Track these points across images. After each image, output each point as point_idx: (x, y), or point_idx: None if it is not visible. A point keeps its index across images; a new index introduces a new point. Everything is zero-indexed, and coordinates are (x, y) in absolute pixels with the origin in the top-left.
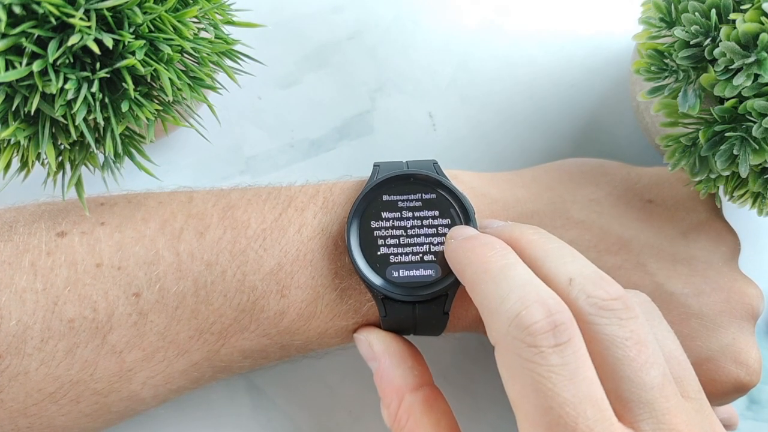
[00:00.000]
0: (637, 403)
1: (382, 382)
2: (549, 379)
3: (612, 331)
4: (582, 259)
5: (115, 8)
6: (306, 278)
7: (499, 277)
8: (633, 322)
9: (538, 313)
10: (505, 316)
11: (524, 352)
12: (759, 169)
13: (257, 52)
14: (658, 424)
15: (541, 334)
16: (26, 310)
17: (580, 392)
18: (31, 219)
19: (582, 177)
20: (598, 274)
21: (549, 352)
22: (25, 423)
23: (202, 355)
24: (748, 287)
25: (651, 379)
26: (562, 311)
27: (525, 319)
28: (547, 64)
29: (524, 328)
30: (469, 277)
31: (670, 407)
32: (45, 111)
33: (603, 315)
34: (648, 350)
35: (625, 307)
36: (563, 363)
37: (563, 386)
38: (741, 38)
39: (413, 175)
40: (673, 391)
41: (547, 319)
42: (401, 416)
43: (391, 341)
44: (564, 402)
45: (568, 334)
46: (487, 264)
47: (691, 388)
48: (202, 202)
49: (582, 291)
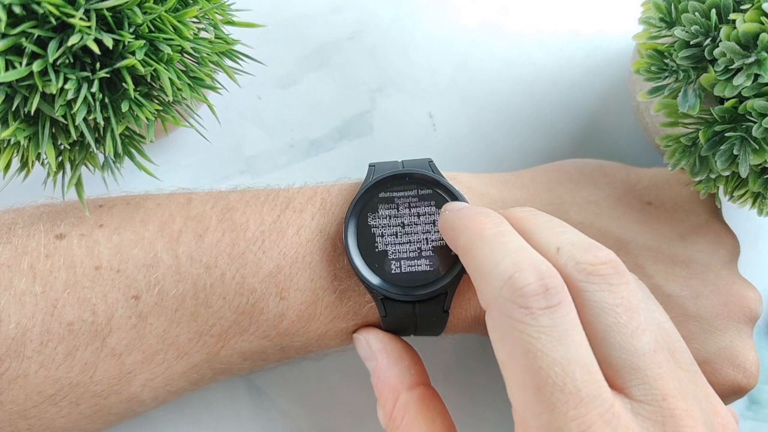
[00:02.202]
0: (628, 369)
1: (378, 381)
2: (538, 339)
3: (602, 297)
4: (572, 230)
5: (115, 8)
6: (305, 280)
7: (494, 242)
8: (624, 288)
9: (530, 275)
10: (498, 278)
11: (515, 312)
12: (759, 169)
13: (257, 52)
14: (649, 390)
15: (532, 296)
16: (25, 312)
17: (568, 353)
18: (29, 221)
19: (581, 178)
20: (587, 241)
21: (539, 314)
22: (24, 425)
23: (202, 357)
24: (747, 290)
25: (642, 345)
26: (553, 276)
27: (517, 281)
28: (547, 64)
29: (516, 290)
30: (463, 243)
31: (662, 373)
32: (45, 111)
33: (592, 281)
34: (639, 317)
35: (615, 272)
36: (553, 324)
37: (552, 347)
38: (741, 38)
39: (409, 174)
40: (666, 358)
41: (539, 282)
42: (396, 415)
43: (389, 340)
44: (552, 362)
45: (558, 298)
46: (482, 230)
47: (684, 359)
48: (200, 203)
49: (570, 257)
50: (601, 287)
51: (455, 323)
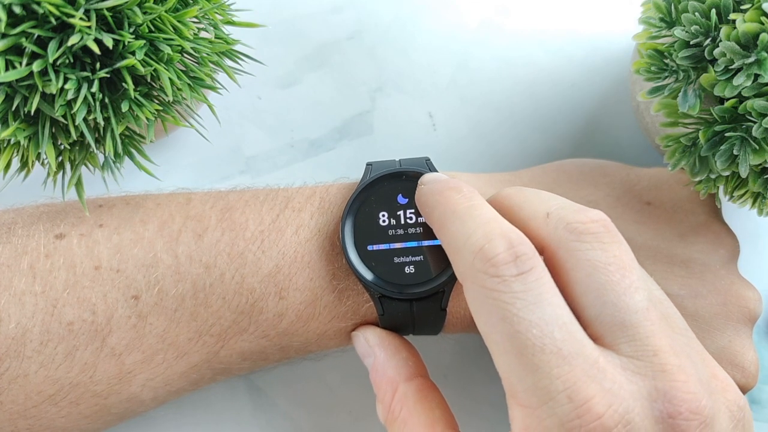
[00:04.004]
0: (620, 326)
1: (376, 375)
2: (513, 305)
3: (594, 256)
4: (560, 198)
5: (115, 8)
6: (304, 280)
7: (465, 216)
8: (616, 246)
9: (500, 245)
10: (470, 250)
11: (488, 282)
12: (759, 169)
13: (257, 52)
14: (640, 346)
15: (503, 265)
16: (25, 312)
17: (545, 315)
18: (29, 221)
19: (581, 178)
20: (576, 205)
21: (511, 281)
22: (24, 425)
23: (202, 357)
24: (746, 290)
25: (635, 302)
26: (523, 243)
27: (488, 252)
28: (547, 64)
29: (487, 260)
30: (436, 218)
31: (654, 330)
32: (45, 111)
33: (584, 240)
34: (633, 275)
35: (606, 230)
36: (526, 289)
37: (528, 310)
38: (741, 38)
39: (405, 173)
40: (659, 316)
41: (509, 251)
42: (395, 407)
43: (386, 335)
44: (530, 325)
45: (530, 264)
46: (454, 205)
47: (678, 324)
48: (200, 203)
49: (560, 220)
50: (593, 245)
51: (454, 322)
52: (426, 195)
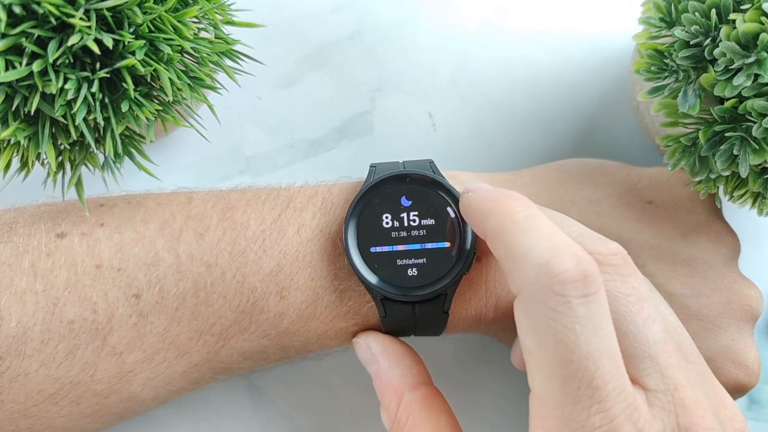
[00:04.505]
0: (642, 358)
1: (381, 384)
2: (573, 330)
3: (615, 287)
4: (578, 224)
5: (115, 8)
6: (305, 279)
7: (527, 226)
8: (634, 278)
9: (569, 261)
10: (534, 263)
11: (551, 300)
12: (759, 169)
13: (257, 52)
14: (662, 379)
15: (570, 283)
16: (26, 311)
17: (602, 346)
18: (30, 220)
19: (582, 178)
20: (594, 234)
21: (576, 303)
22: (25, 424)
23: (202, 356)
24: (748, 288)
25: (654, 334)
26: (591, 263)
27: (555, 267)
28: (547, 64)
29: (554, 276)
30: (492, 225)
31: (672, 363)
32: (45, 111)
33: (605, 271)
34: (650, 306)
35: (625, 263)
36: (589, 315)
37: (586, 339)
38: (741, 38)
39: (409, 175)
40: (675, 347)
41: (578, 268)
42: (401, 415)
43: (389, 343)
44: (585, 355)
45: (595, 286)
46: (513, 213)
47: (690, 352)
48: (201, 203)
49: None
50: (614, 277)
51: (456, 323)
52: (478, 201)
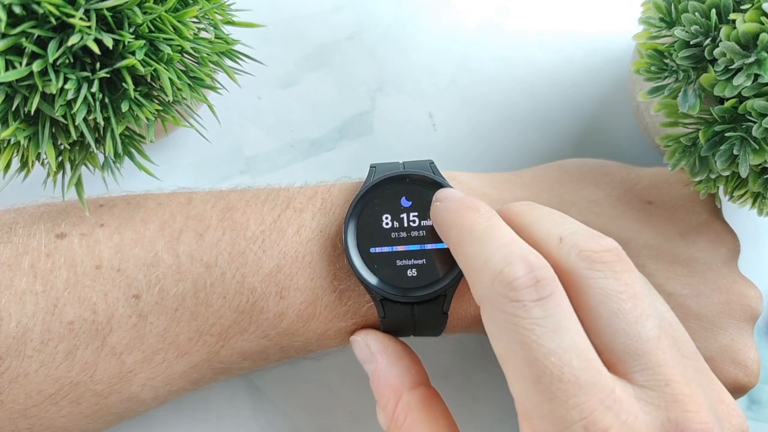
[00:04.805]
0: (632, 355)
1: (378, 383)
2: (533, 331)
3: (606, 284)
4: (572, 220)
5: (115, 8)
6: (305, 280)
7: (484, 237)
8: (628, 275)
9: (520, 269)
10: (489, 273)
11: (507, 306)
12: (759, 169)
13: (257, 52)
14: (653, 375)
15: (523, 289)
16: (26, 312)
17: (564, 342)
18: (30, 220)
19: (582, 178)
20: (589, 231)
21: (531, 306)
22: (25, 424)
23: (202, 356)
24: (748, 288)
25: (647, 331)
26: (543, 267)
27: (507, 275)
28: (547, 64)
29: (507, 284)
30: (453, 238)
31: (666, 359)
32: (45, 111)
33: (597, 268)
34: (644, 303)
35: (619, 259)
36: (546, 315)
37: (547, 337)
38: (741, 38)
39: (409, 176)
40: (670, 344)
41: (529, 275)
42: (399, 415)
43: (388, 342)
44: (549, 352)
45: (549, 289)
46: (471, 225)
47: (687, 348)
48: (201, 203)
49: (573, 246)
50: (605, 274)
51: (455, 323)
52: (442, 213)
